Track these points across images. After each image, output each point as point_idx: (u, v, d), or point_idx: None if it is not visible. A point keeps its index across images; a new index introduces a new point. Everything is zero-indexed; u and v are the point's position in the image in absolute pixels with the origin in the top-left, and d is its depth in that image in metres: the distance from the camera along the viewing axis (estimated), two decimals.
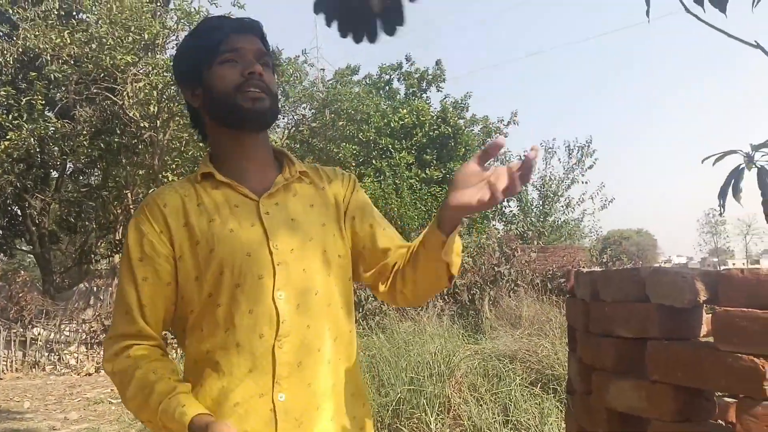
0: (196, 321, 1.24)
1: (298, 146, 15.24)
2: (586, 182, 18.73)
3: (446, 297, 8.85)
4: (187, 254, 1.24)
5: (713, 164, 1.76)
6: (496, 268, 9.10)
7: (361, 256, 1.38)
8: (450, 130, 14.38)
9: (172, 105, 10.30)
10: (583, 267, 9.71)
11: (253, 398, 1.19)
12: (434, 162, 14.18)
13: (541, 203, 18.27)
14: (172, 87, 10.06)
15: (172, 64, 1.45)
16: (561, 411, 4.25)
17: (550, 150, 19.13)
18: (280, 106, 1.43)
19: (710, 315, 1.13)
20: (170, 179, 10.29)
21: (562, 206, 18.46)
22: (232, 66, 1.28)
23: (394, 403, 4.22)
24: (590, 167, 18.84)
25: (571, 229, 18.37)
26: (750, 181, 1.76)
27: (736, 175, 1.81)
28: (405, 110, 14.61)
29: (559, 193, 18.43)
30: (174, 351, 6.67)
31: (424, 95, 17.67)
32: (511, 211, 17.70)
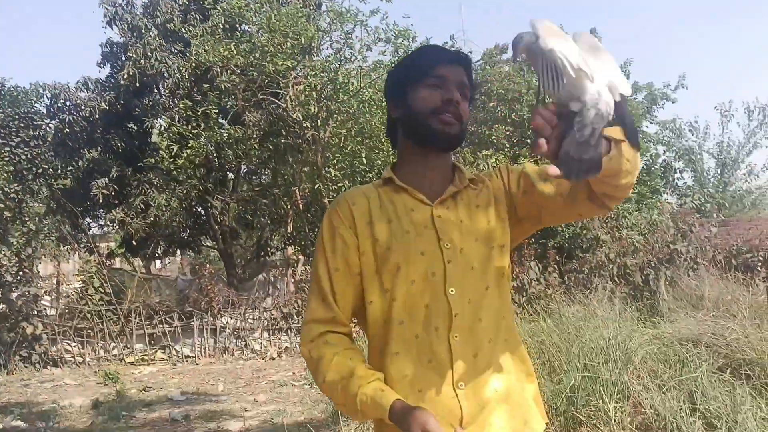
0: (376, 313, 1.36)
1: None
2: None
3: (616, 279, 8.42)
4: (368, 250, 1.37)
5: None
6: (671, 245, 8.47)
7: (550, 206, 1.41)
8: None
9: (329, 104, 10.79)
10: None
11: (435, 386, 1.29)
12: None
13: (719, 172, 16.67)
14: (329, 86, 10.53)
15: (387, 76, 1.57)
16: (755, 399, 3.88)
17: (726, 113, 17.36)
18: None
19: None
20: (332, 174, 10.83)
21: (744, 174, 16.71)
22: (434, 90, 1.40)
23: (567, 390, 4.10)
24: None
25: (756, 198, 16.57)
26: None
27: None
28: None
29: (740, 160, 16.69)
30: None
31: None
32: (684, 183, 16.37)
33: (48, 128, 13.45)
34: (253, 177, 15.82)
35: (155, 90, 13.73)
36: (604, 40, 16.35)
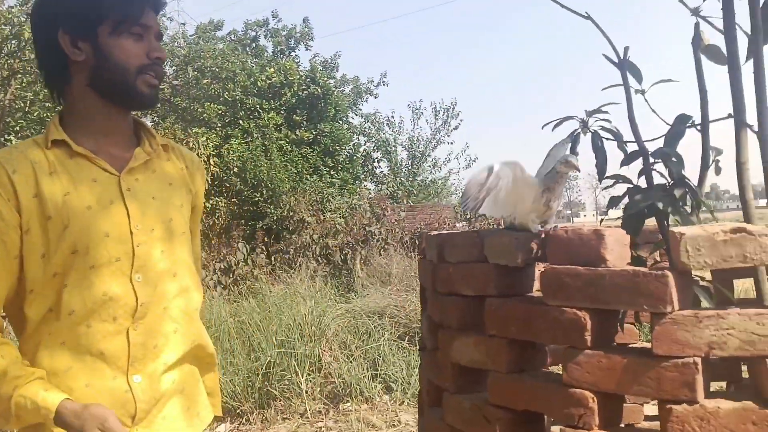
0: (37, 300, 1.16)
1: (159, 105, 14.43)
2: (452, 143, 19.42)
3: (319, 258, 8.89)
4: (35, 228, 1.14)
5: (552, 130, 1.87)
6: (367, 227, 9.25)
7: None
8: (320, 90, 14.22)
9: (12, 61, 9.32)
10: (448, 224, 10.13)
11: (106, 380, 1.17)
12: (304, 123, 13.99)
13: (410, 163, 18.71)
14: (12, 41, 9.09)
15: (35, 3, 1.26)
16: (419, 365, 4.46)
17: (417, 111, 19.54)
18: None
19: (540, 272, 1.22)
20: (13, 143, 9.38)
21: (430, 166, 19.03)
22: (139, 42, 1.21)
23: (264, 367, 4.21)
24: (456, 128, 19.52)
25: (438, 187, 19.01)
26: (587, 144, 1.91)
27: (572, 139, 1.95)
28: (272, 69, 14.21)
29: (427, 154, 18.97)
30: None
31: (293, 54, 17.30)
32: (381, 171, 18.00)
33: None
34: None
35: None
36: (316, 31, 17.01)
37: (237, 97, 13.32)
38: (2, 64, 9.28)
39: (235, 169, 11.24)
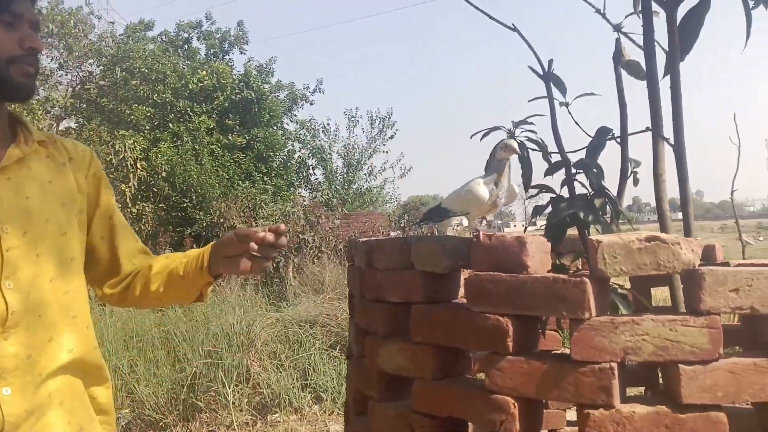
0: None
1: (84, 106, 13.86)
2: (387, 152, 19.51)
3: None
4: None
5: (480, 139, 1.90)
6: (300, 235, 9.16)
7: (95, 255, 1.34)
8: (254, 95, 14.00)
9: None
10: (383, 232, 10.17)
11: None
12: (237, 128, 13.74)
13: (345, 171, 18.69)
14: None
15: None
16: (346, 374, 4.43)
17: (353, 119, 19.57)
18: (63, 61, 1.28)
19: (464, 278, 1.23)
20: None
21: (365, 174, 19.06)
22: (7, 32, 1.14)
23: (189, 378, 4.08)
24: (391, 137, 19.65)
25: (374, 196, 19.06)
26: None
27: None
28: (205, 72, 13.92)
29: (363, 162, 19.00)
30: None
31: (226, 57, 16.99)
32: (317, 179, 17.89)
33: None
34: None
35: None
36: (251, 35, 16.81)
37: (167, 99, 12.96)
38: None
39: (164, 174, 10.91)
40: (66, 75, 13.95)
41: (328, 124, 18.97)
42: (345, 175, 18.44)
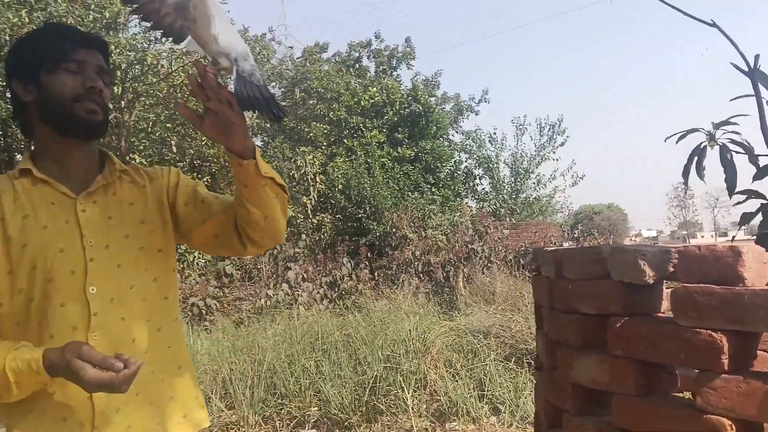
0: (10, 316, 1.26)
1: (268, 125, 15.08)
2: (557, 159, 18.92)
3: (421, 275, 8.92)
4: (1, 248, 1.26)
5: (676, 143, 1.79)
6: (469, 245, 9.18)
7: (205, 231, 1.46)
8: (421, 108, 14.34)
9: (137, 85, 10.10)
10: (555, 243, 9.84)
11: (69, 388, 1.23)
12: (406, 140, 14.15)
13: (513, 180, 18.39)
14: (136, 66, 9.85)
15: (13, 51, 1.42)
16: (534, 385, 4.32)
17: (521, 127, 19.23)
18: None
19: (670, 291, 1.17)
20: (137, 161, 10.13)
21: (534, 183, 18.61)
22: (73, 76, 1.34)
23: (371, 381, 4.26)
24: (562, 144, 19.01)
25: (543, 205, 18.54)
26: (713, 158, 1.80)
27: (698, 153, 1.84)
28: (375, 88, 14.52)
29: (531, 170, 18.57)
30: None
31: (395, 73, 17.58)
32: (483, 188, 17.80)
33: None
34: None
35: None
36: (418, 50, 17.23)
37: (341, 116, 13.70)
38: (127, 87, 10.06)
39: (340, 186, 11.53)
40: None
41: (495, 134, 18.83)
42: (512, 185, 18.15)
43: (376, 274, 9.11)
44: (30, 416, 1.24)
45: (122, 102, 10.12)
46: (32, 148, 1.42)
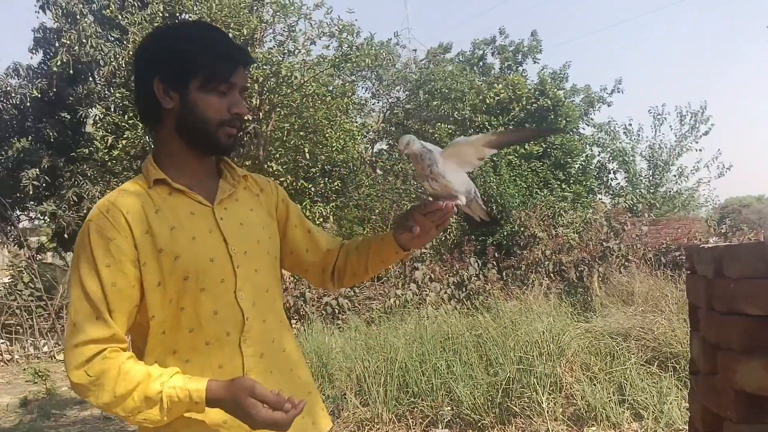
0: (158, 326, 1.28)
1: (393, 129, 15.33)
2: (701, 150, 17.56)
3: (552, 275, 8.65)
4: (150, 261, 1.26)
5: None
6: (604, 243, 8.76)
7: (303, 257, 1.58)
8: (549, 102, 13.92)
9: (272, 97, 10.66)
10: (700, 239, 9.15)
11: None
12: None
13: (651, 173, 17.32)
14: (272, 79, 10.40)
15: (150, 44, 1.37)
16: (681, 390, 4.06)
17: (659, 117, 18.05)
18: (375, 90, 1.53)
19: None
20: (274, 169, 10.69)
21: (674, 176, 17.41)
22: (223, 98, 1.33)
23: (503, 383, 4.20)
24: (705, 133, 17.64)
25: (685, 199, 17.30)
26: None
27: None
28: (500, 85, 14.29)
29: (671, 162, 17.39)
30: None
31: (520, 68, 17.21)
32: (618, 183, 16.93)
33: None
34: None
35: (90, 78, 13.20)
36: (545, 42, 16.77)
37: (466, 115, 13.63)
38: (264, 99, 10.64)
39: None
40: (378, 102, 15.62)
41: (630, 125, 17.84)
42: (651, 178, 17.10)
43: (504, 274, 8.95)
44: None
45: (260, 113, 10.72)
46: (154, 149, 1.41)
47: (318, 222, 10.01)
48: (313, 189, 11.04)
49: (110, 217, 1.25)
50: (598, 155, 16.51)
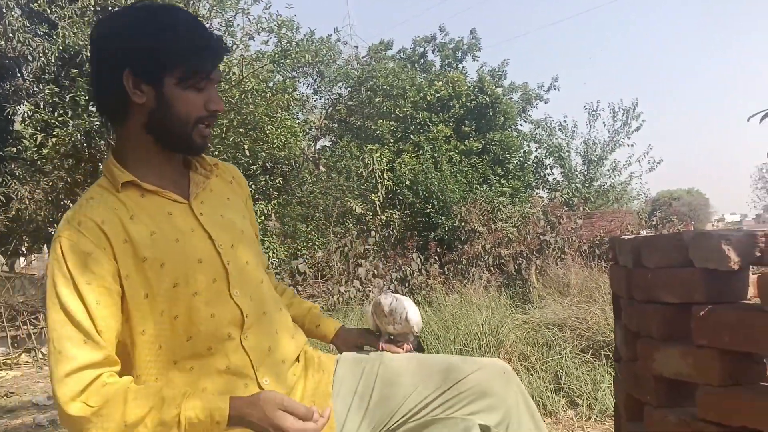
0: (152, 340, 1.19)
1: (336, 125, 15.29)
2: (633, 145, 18.20)
3: (492, 268, 8.82)
4: (133, 273, 1.17)
5: (760, 122, 1.70)
6: (541, 236, 9.01)
7: None
8: (488, 99, 14.14)
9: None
10: (632, 231, 9.51)
11: (239, 389, 1.24)
12: (473, 133, 13.99)
13: (585, 168, 17.87)
14: None
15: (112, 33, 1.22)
16: (613, 377, 4.20)
17: (594, 113, 18.63)
18: (317, 86, 1.50)
19: (756, 276, 1.11)
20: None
21: (608, 170, 18.01)
22: (199, 94, 1.23)
23: None
24: (637, 129, 18.30)
25: (618, 193, 17.92)
26: None
27: None
28: (440, 82, 14.43)
29: (604, 157, 17.97)
30: None
31: (460, 66, 17.42)
32: (555, 178, 17.39)
33: None
34: None
35: (18, 74, 12.63)
36: (483, 41, 17.03)
37: (407, 112, 13.71)
38: None
39: (407, 182, 11.55)
40: (319, 99, 15.55)
41: (565, 121, 18.35)
42: (585, 173, 17.64)
43: (446, 268, 9.08)
44: None
45: None
46: (115, 147, 1.29)
47: (260, 220, 9.89)
48: (254, 187, 10.88)
49: (84, 230, 1.15)
50: (536, 151, 16.91)
